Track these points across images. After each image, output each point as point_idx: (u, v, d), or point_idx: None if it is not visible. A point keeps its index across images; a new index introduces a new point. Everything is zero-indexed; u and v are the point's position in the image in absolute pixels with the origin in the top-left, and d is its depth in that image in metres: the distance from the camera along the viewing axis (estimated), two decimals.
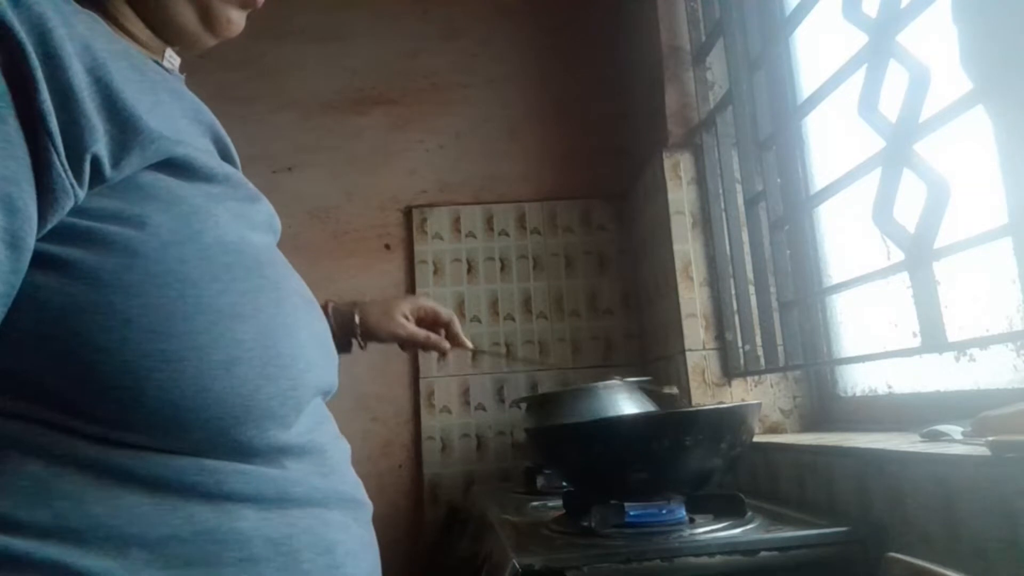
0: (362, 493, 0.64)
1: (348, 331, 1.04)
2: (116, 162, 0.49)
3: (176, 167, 0.54)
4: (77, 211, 0.49)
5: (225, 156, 0.63)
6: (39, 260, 0.47)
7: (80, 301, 0.48)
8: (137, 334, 0.48)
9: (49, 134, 0.46)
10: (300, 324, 0.58)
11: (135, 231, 0.50)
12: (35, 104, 0.46)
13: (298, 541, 0.54)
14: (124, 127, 0.50)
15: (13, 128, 0.45)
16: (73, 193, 0.48)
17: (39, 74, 0.46)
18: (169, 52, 0.66)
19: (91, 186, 0.49)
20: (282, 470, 0.55)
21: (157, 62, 0.63)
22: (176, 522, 0.49)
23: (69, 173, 0.47)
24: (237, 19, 0.65)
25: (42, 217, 0.47)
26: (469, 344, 1.12)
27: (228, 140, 0.64)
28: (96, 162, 0.48)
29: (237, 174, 0.62)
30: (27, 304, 0.47)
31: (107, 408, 0.49)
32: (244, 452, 0.53)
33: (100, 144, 0.48)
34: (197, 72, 0.72)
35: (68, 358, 0.48)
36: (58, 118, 0.47)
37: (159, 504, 0.49)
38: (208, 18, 0.63)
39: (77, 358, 0.48)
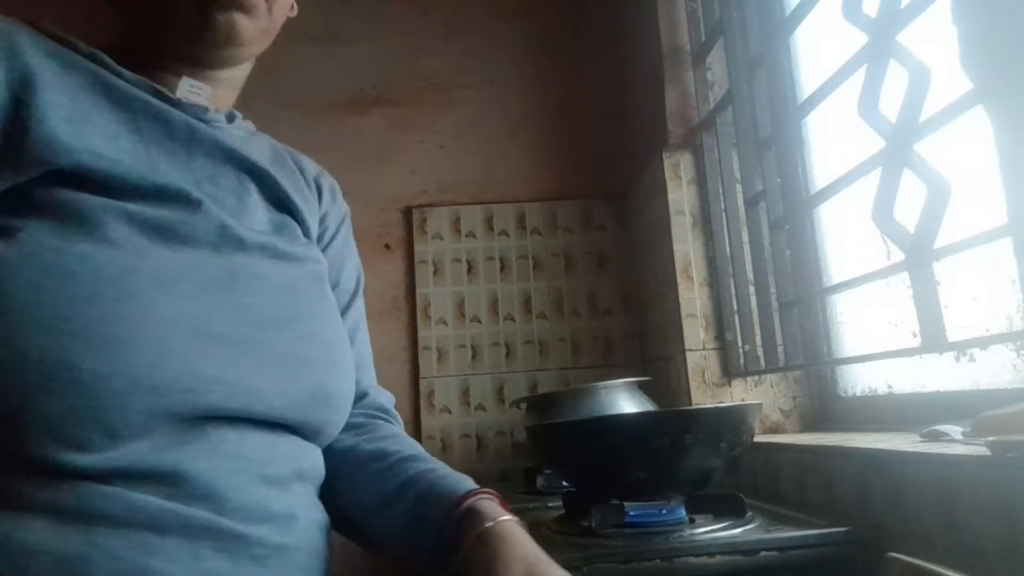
0: (267, 530, 0.57)
1: (449, 545, 0.64)
2: None
3: (69, 177, 0.55)
4: None
5: (270, 197, 0.71)
6: None
7: None
8: None
9: None
10: (151, 341, 0.52)
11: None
12: None
13: (95, 563, 0.48)
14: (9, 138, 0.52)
15: None
16: None
17: None
18: (191, 83, 0.67)
19: None
20: (99, 484, 0.50)
21: (166, 93, 0.64)
22: None
23: None
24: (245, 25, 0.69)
25: None
26: None
27: (275, 178, 0.72)
28: None
29: (175, 185, 0.60)
30: None
31: None
32: (36, 471, 0.49)
33: None
34: None
35: None
36: None
37: None
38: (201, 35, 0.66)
39: None
